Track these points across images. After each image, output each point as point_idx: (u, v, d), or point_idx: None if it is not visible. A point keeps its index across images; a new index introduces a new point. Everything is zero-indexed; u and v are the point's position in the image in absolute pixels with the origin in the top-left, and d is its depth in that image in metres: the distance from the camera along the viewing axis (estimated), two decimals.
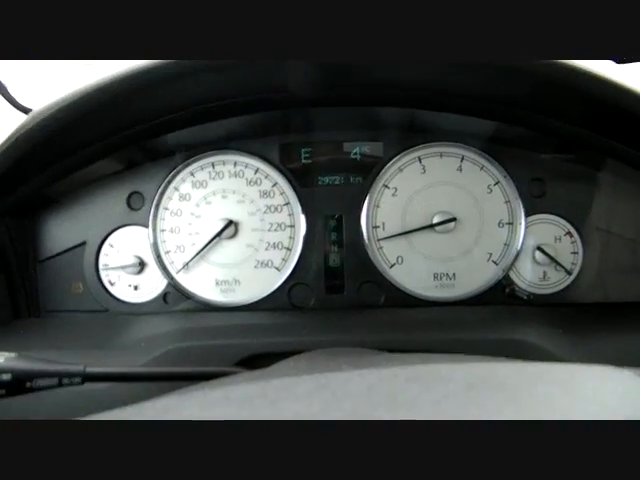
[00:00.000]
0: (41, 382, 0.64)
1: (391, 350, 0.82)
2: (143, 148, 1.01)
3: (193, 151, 1.03)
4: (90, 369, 0.68)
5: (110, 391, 0.75)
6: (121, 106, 0.81)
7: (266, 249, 1.03)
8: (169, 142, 1.00)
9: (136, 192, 1.04)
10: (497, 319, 0.93)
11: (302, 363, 0.59)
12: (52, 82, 1.18)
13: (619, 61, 0.73)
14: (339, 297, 1.02)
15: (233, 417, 0.38)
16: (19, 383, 0.62)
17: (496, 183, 1.01)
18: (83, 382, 0.67)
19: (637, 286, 1.00)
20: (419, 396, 0.38)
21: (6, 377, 0.61)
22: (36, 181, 0.93)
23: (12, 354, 0.63)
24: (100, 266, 1.04)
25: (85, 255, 1.04)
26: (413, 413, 0.36)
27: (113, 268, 1.04)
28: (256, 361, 0.83)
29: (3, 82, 0.93)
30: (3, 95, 0.97)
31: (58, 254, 1.04)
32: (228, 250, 1.03)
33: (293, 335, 0.87)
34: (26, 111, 0.95)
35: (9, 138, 0.81)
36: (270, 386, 0.43)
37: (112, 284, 1.05)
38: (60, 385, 0.66)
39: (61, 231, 1.04)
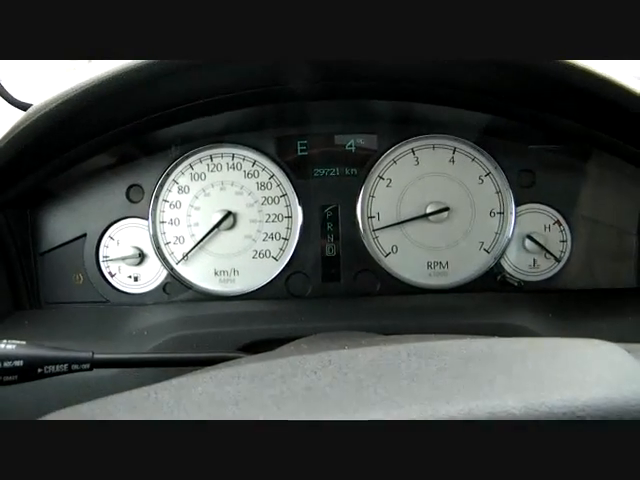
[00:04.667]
0: (51, 368, 0.66)
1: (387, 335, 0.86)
2: (142, 141, 1.02)
3: (191, 144, 1.05)
4: (98, 355, 0.70)
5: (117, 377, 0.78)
6: (120, 101, 0.83)
7: (264, 240, 1.05)
8: (168, 135, 1.02)
9: (135, 185, 1.06)
10: (489, 305, 0.96)
11: (304, 346, 0.62)
12: (46, 80, 1.19)
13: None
14: (335, 285, 1.04)
15: (245, 392, 0.41)
16: (31, 369, 0.65)
17: (487, 174, 1.04)
18: (92, 368, 0.70)
19: (623, 272, 1.04)
20: (420, 368, 0.41)
21: (18, 363, 0.63)
22: (37, 174, 0.94)
23: (22, 342, 0.65)
24: (100, 258, 1.06)
25: (85, 247, 1.06)
26: (414, 384, 0.39)
27: (113, 259, 1.06)
28: (256, 347, 0.86)
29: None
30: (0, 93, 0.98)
31: (59, 246, 1.06)
32: (227, 241, 1.06)
33: (292, 322, 0.89)
34: (24, 107, 0.96)
35: (11, 132, 0.82)
36: (278, 364, 0.46)
37: (112, 275, 1.06)
38: (70, 371, 0.68)
39: (61, 223, 1.06)
